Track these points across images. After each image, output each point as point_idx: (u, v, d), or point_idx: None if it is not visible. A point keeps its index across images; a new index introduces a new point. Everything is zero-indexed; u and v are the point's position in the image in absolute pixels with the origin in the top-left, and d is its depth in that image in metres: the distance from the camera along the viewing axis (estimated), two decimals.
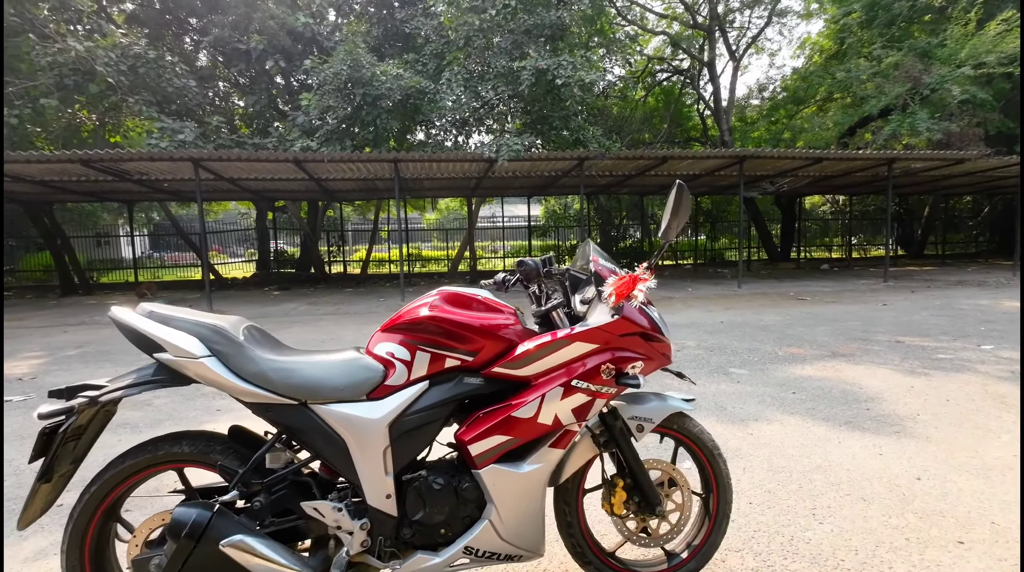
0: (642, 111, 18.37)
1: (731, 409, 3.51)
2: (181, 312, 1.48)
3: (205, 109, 11.10)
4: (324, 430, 1.41)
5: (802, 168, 12.11)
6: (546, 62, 8.98)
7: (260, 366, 1.41)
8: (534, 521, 1.51)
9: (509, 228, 20.17)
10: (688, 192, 1.38)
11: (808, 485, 2.42)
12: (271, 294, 11.82)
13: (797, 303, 8.73)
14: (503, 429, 1.43)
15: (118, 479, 1.43)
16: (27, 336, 7.05)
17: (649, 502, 1.64)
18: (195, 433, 1.52)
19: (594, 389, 1.46)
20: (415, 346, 1.45)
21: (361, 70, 9.34)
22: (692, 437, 1.71)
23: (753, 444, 2.91)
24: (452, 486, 1.47)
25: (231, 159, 8.86)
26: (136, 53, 9.04)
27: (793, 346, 5.36)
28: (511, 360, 1.46)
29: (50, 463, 1.36)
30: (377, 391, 1.43)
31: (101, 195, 12.43)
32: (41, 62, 8.50)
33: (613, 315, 1.48)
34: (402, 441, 1.44)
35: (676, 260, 20.94)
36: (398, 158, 9.32)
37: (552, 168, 11.32)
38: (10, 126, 8.73)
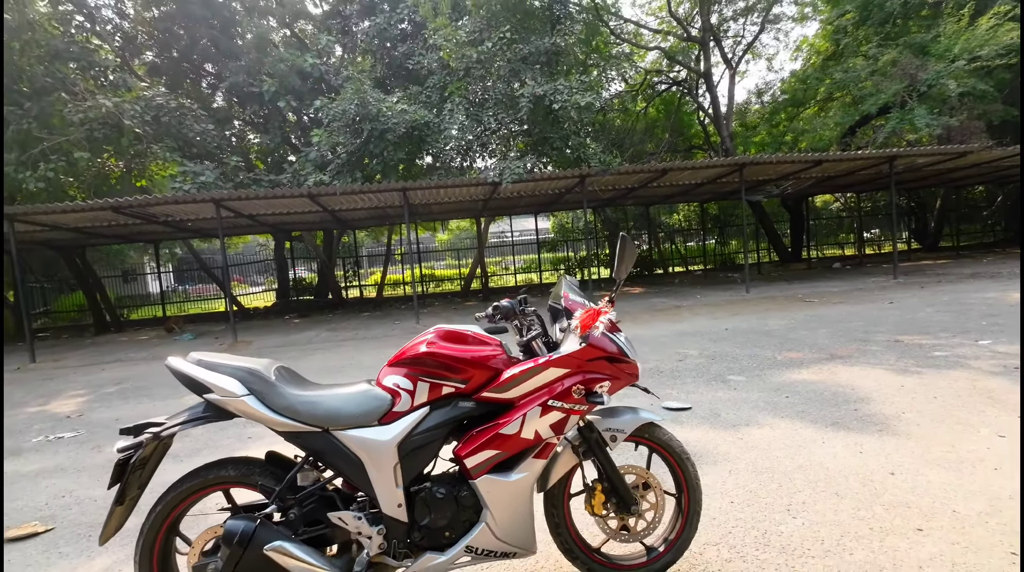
0: (643, 122, 18.67)
1: (725, 415, 3.71)
2: (224, 358, 1.79)
3: (224, 150, 11.71)
4: (344, 452, 1.70)
5: (803, 171, 12.25)
6: (543, 88, 9.36)
7: (289, 401, 1.71)
8: (524, 522, 1.77)
9: (519, 244, 20.50)
10: (631, 242, 1.67)
11: (788, 484, 2.63)
12: (292, 322, 12.27)
13: (804, 306, 8.84)
14: (493, 444, 1.71)
15: (177, 500, 1.74)
16: (68, 375, 7.53)
17: (625, 503, 1.89)
18: (238, 459, 1.82)
19: (567, 407, 1.73)
20: (416, 377, 1.74)
21: (368, 106, 9.83)
22: (662, 444, 1.95)
23: (742, 448, 3.12)
24: (453, 495, 1.74)
25: (250, 198, 9.37)
26: (159, 104, 9.68)
27: (793, 350, 5.53)
28: (497, 386, 1.74)
29: (123, 488, 1.67)
30: (387, 417, 1.72)
31: (129, 237, 13.11)
32: (73, 118, 9.16)
33: (581, 343, 1.75)
34: (409, 458, 1.72)
35: (686, 266, 21.03)
36: (406, 187, 9.74)
37: (555, 186, 11.65)
38: (46, 179, 9.37)
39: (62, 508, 2.99)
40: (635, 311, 9.76)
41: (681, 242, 22.39)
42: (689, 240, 22.90)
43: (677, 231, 22.63)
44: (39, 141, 9.62)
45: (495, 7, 10.46)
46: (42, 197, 9.91)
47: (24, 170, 9.35)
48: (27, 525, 2.77)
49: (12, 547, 2.60)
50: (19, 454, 4.04)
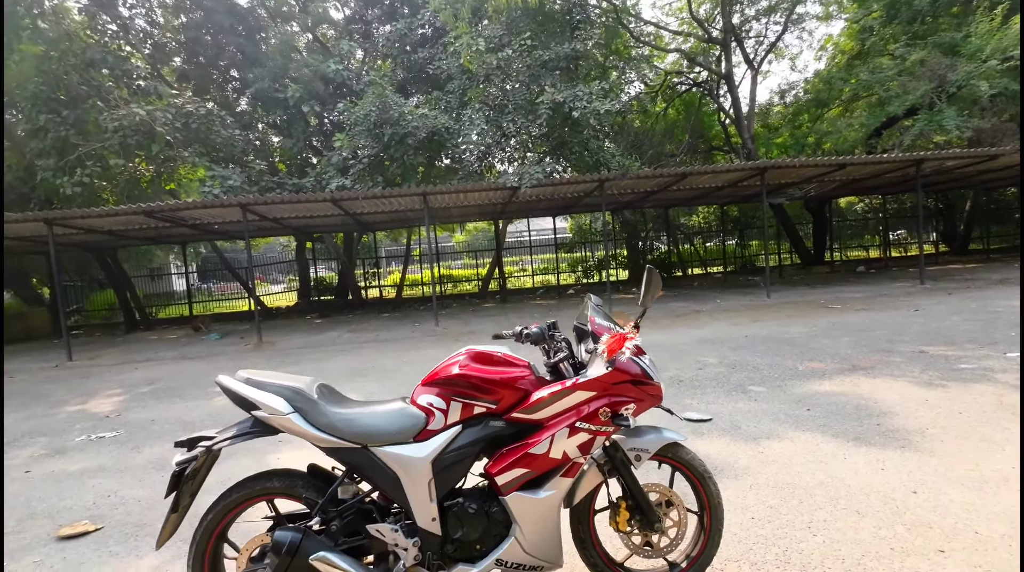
0: (663, 124, 18.55)
1: (745, 428, 3.74)
2: (270, 376, 1.90)
3: (248, 154, 12.01)
4: (381, 467, 1.80)
5: (827, 174, 12.07)
6: (562, 95, 9.41)
7: (330, 418, 1.81)
8: (552, 537, 1.85)
9: (537, 244, 20.55)
10: (657, 274, 1.74)
11: (809, 500, 2.67)
12: (314, 322, 12.53)
13: (826, 312, 8.74)
14: (522, 463, 1.79)
15: (227, 509, 1.86)
16: (104, 374, 7.84)
17: (649, 520, 1.96)
18: (281, 471, 1.93)
19: (594, 429, 1.80)
20: (449, 397, 1.83)
21: (389, 111, 9.99)
22: (685, 463, 2.02)
23: (762, 462, 3.15)
24: (484, 510, 1.83)
25: (275, 202, 9.61)
26: (189, 111, 9.98)
27: (815, 360, 5.50)
28: (526, 407, 1.82)
29: (177, 497, 1.80)
30: (421, 435, 1.82)
31: (159, 239, 13.53)
32: (109, 126, 9.50)
33: (607, 367, 1.83)
34: (443, 474, 1.81)
35: (706, 268, 20.85)
36: (426, 191, 9.88)
37: (574, 190, 11.68)
38: (82, 183, 9.75)
39: (109, 508, 3.16)
40: (654, 316, 9.75)
41: (700, 244, 22.19)
42: (709, 241, 22.70)
43: (696, 233, 22.43)
44: (75, 147, 10.00)
45: (515, 13, 10.54)
46: (78, 201, 10.31)
47: (61, 175, 9.73)
48: (79, 524, 2.95)
49: (67, 544, 2.77)
50: (64, 453, 4.26)
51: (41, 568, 2.55)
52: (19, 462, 4.10)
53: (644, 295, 1.81)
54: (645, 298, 1.81)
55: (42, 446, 4.48)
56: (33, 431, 4.97)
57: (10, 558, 2.66)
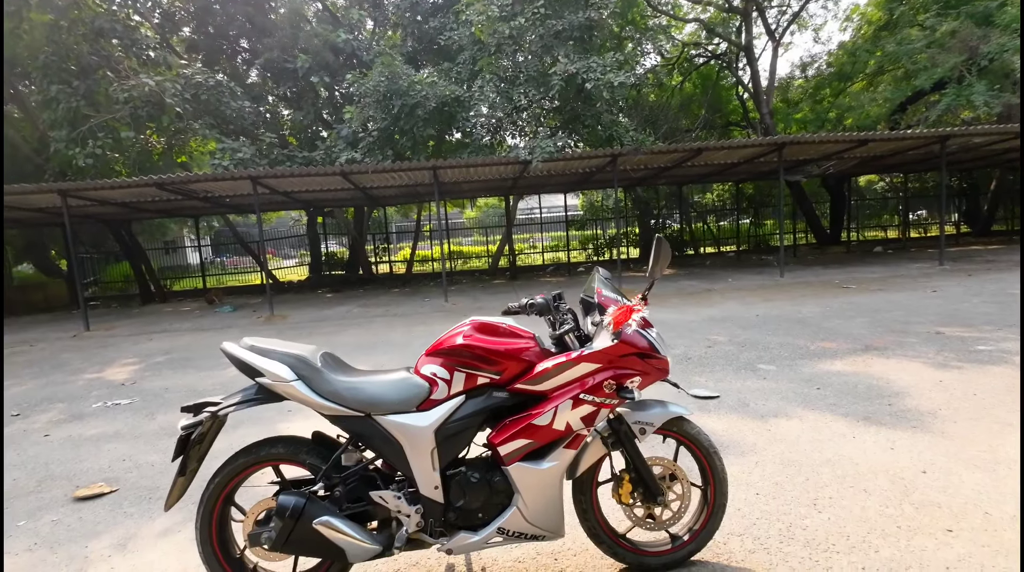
0: (679, 98, 18.08)
1: (753, 406, 3.71)
2: (274, 344, 1.90)
3: (259, 127, 11.94)
4: (385, 436, 1.80)
5: (848, 150, 11.72)
6: (575, 65, 9.15)
7: (335, 386, 1.81)
8: (554, 508, 1.85)
9: (547, 222, 20.38)
10: (666, 244, 1.69)
11: (815, 478, 2.65)
12: (325, 297, 12.63)
13: (840, 292, 8.60)
14: (525, 434, 1.78)
15: (233, 473, 1.88)
16: (120, 344, 7.99)
17: (652, 493, 1.95)
18: (287, 438, 1.95)
19: (598, 401, 1.78)
20: (453, 368, 1.82)
21: (398, 81, 9.82)
22: (690, 437, 2.00)
23: (769, 440, 3.13)
24: (486, 479, 1.83)
25: (285, 175, 9.57)
26: (198, 82, 9.90)
27: (827, 340, 5.43)
28: (530, 378, 1.80)
29: (184, 461, 1.82)
30: (425, 404, 1.81)
31: (171, 212, 13.62)
32: (119, 97, 9.47)
33: (613, 340, 1.80)
34: (446, 443, 1.81)
35: (718, 247, 20.58)
36: (436, 165, 9.77)
37: (586, 166, 11.49)
38: (94, 155, 9.78)
39: (124, 471, 3.24)
40: (663, 293, 9.67)
41: (713, 222, 21.85)
42: (722, 220, 22.34)
43: (710, 211, 22.07)
44: (87, 119, 10.00)
45: None
46: (90, 173, 10.36)
47: (74, 147, 9.76)
48: (95, 486, 3.03)
49: (83, 505, 2.85)
50: (82, 418, 4.37)
51: (58, 527, 2.63)
52: (38, 426, 4.22)
53: (652, 266, 1.76)
54: (653, 269, 1.77)
55: (60, 412, 4.60)
56: (52, 397, 5.10)
57: (30, 516, 2.75)
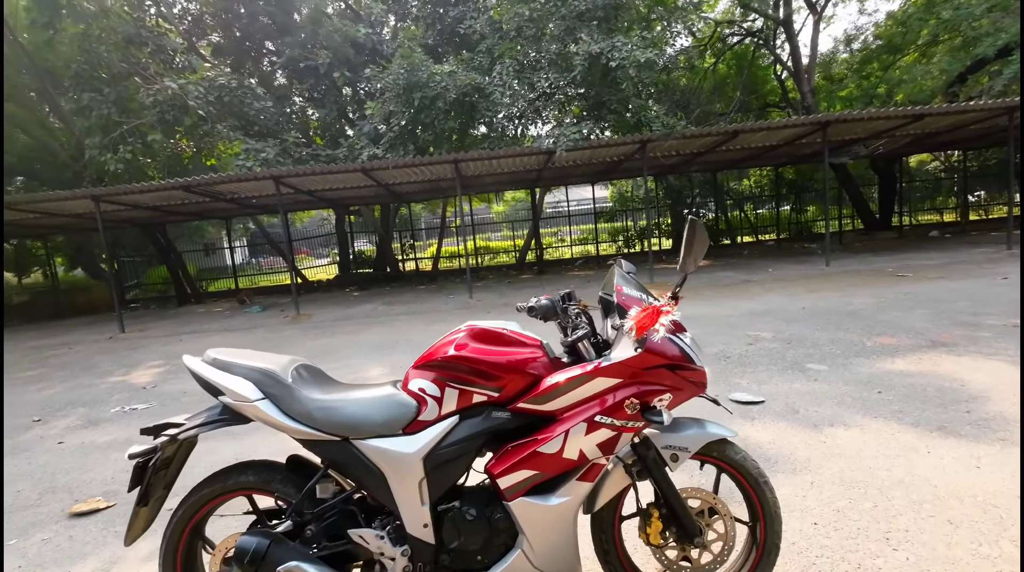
0: (712, 80, 17.23)
1: (804, 412, 3.29)
2: (240, 357, 1.65)
3: (283, 126, 11.97)
4: (365, 464, 1.52)
5: (900, 127, 10.83)
6: (599, 45, 8.69)
7: (306, 406, 1.54)
8: (566, 551, 1.54)
9: (576, 214, 19.90)
10: (702, 227, 1.35)
11: (885, 503, 2.24)
12: (352, 295, 12.61)
13: (894, 281, 7.90)
14: (530, 464, 1.47)
15: (199, 504, 1.65)
16: (149, 345, 8.09)
17: (687, 532, 1.61)
18: (259, 463, 1.70)
19: (618, 424, 1.45)
20: (444, 383, 1.52)
21: (417, 73, 9.59)
22: (734, 464, 1.64)
23: (825, 454, 2.72)
24: (485, 517, 1.53)
25: (306, 174, 9.51)
26: (220, 84, 9.95)
27: (884, 335, 4.89)
28: (535, 395, 1.49)
29: (145, 490, 1.59)
30: (411, 426, 1.52)
31: (201, 214, 13.87)
32: (145, 102, 9.61)
33: (636, 349, 1.46)
34: (436, 473, 1.52)
35: (757, 236, 19.64)
36: (457, 158, 9.51)
37: (613, 154, 11.01)
38: (125, 160, 9.97)
39: (123, 484, 3.09)
40: (698, 286, 9.15)
41: (751, 210, 20.86)
42: (761, 207, 21.29)
43: (747, 198, 21.07)
44: (118, 125, 10.20)
45: None
46: (123, 178, 10.59)
47: (106, 152, 9.97)
48: (92, 500, 2.89)
49: (77, 522, 2.71)
50: (98, 424, 4.31)
51: (47, 547, 2.48)
52: (55, 432, 4.18)
53: (684, 257, 1.42)
54: (686, 261, 1.42)
55: (79, 417, 4.57)
56: (76, 401, 5.11)
57: (22, 534, 2.63)
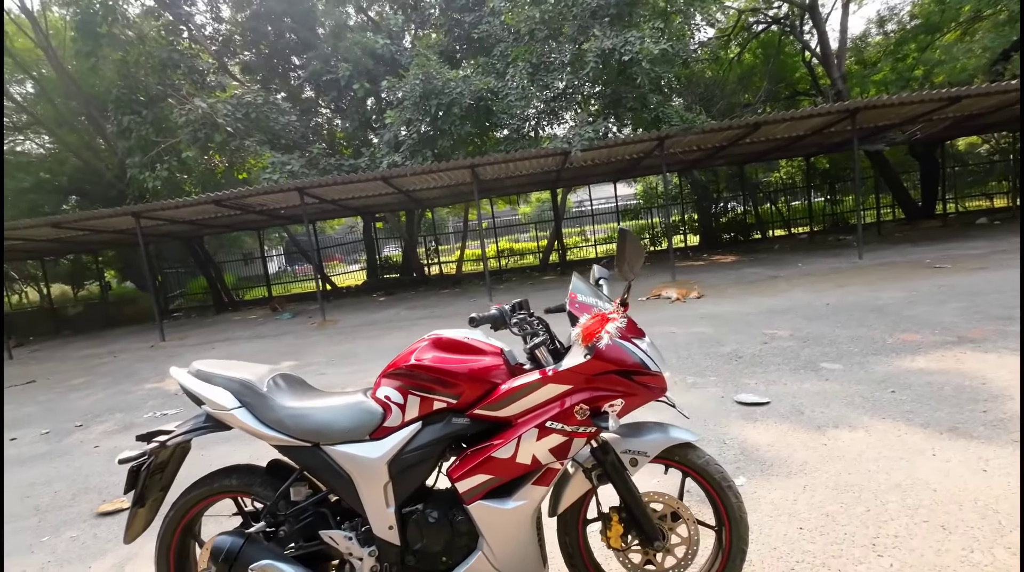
0: (737, 71, 16.78)
1: (809, 413, 3.20)
2: (222, 368, 1.76)
3: (308, 138, 12.38)
4: (334, 468, 1.61)
5: (937, 111, 10.30)
6: (611, 41, 8.63)
7: (278, 414, 1.64)
8: (526, 553, 1.58)
9: (599, 213, 19.75)
10: (634, 237, 1.37)
11: (878, 508, 2.17)
12: (378, 300, 12.91)
13: (931, 273, 7.53)
14: (485, 468, 1.52)
15: (187, 506, 1.77)
16: (186, 353, 8.52)
17: (648, 536, 1.62)
18: (242, 467, 1.81)
19: (568, 429, 1.48)
20: (407, 390, 1.59)
21: (433, 81, 9.76)
22: (697, 469, 1.64)
23: (824, 456, 2.65)
24: (447, 519, 1.59)
25: (329, 184, 9.82)
26: (247, 101, 10.39)
27: (909, 331, 4.69)
28: (490, 402, 1.53)
29: (141, 492, 1.72)
30: (377, 432, 1.60)
31: (234, 226, 14.50)
32: (179, 121, 10.14)
33: (585, 355, 1.49)
34: (401, 477, 1.59)
35: (789, 229, 19.01)
36: (474, 163, 9.62)
37: (631, 151, 10.90)
38: (163, 178, 10.54)
39: None
40: (722, 284, 8.96)
41: (783, 203, 20.18)
42: (793, 199, 20.58)
43: (778, 190, 20.41)
44: (156, 144, 10.79)
45: None
46: (162, 194, 11.18)
47: (145, 171, 10.57)
48: (117, 500, 3.11)
49: (102, 521, 2.92)
50: (131, 428, 4.59)
51: (74, 544, 2.69)
52: (92, 437, 4.49)
53: (619, 266, 1.44)
54: (622, 269, 1.44)
55: (116, 422, 4.88)
56: (115, 407, 5.45)
57: (54, 532, 2.85)
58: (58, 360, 9.59)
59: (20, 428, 5.09)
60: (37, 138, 16.30)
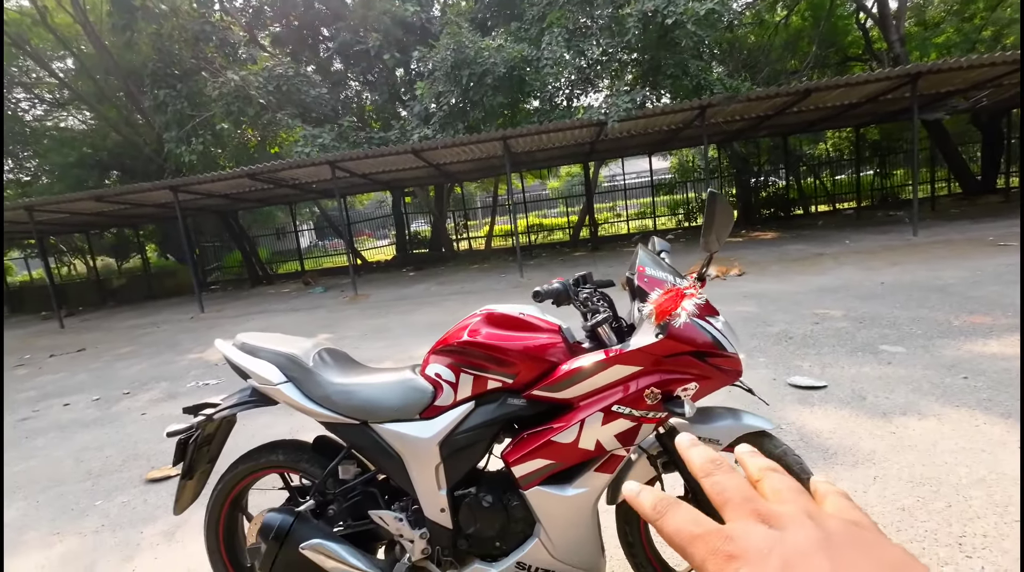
0: (784, 35, 15.81)
1: (873, 399, 3.00)
2: (267, 341, 1.70)
3: (339, 112, 12.31)
4: (383, 447, 1.53)
5: (1006, 75, 9.48)
6: (653, 2, 8.16)
7: (326, 390, 1.56)
8: (586, 541, 1.48)
9: (632, 188, 19.23)
10: (724, 200, 1.20)
11: (961, 504, 2.00)
12: (407, 275, 12.97)
13: (995, 252, 7.03)
14: (544, 453, 1.41)
15: (234, 481, 1.74)
16: (224, 325, 8.74)
17: None
18: (288, 443, 1.76)
19: (637, 415, 1.36)
20: (459, 369, 1.49)
21: (465, 50, 9.48)
22: (774, 459, 1.50)
23: (894, 446, 2.47)
24: (502, 504, 1.50)
25: (359, 157, 9.76)
26: (278, 73, 10.34)
27: (977, 313, 4.36)
28: (550, 382, 1.42)
29: (189, 465, 1.69)
30: (428, 411, 1.51)
31: (267, 200, 14.67)
32: (212, 95, 10.19)
33: (657, 335, 1.35)
34: (453, 459, 1.50)
35: (834, 205, 18.14)
36: (506, 135, 9.38)
37: (670, 122, 10.44)
38: (198, 151, 10.67)
39: None
40: (764, 261, 8.60)
41: (828, 176, 19.21)
42: (839, 173, 19.55)
43: (823, 163, 19.42)
44: (191, 118, 10.90)
45: None
46: (198, 168, 11.34)
47: (182, 145, 10.71)
48: (166, 468, 3.17)
49: (151, 487, 2.98)
50: (175, 397, 4.72)
51: (125, 509, 2.75)
52: (139, 404, 4.62)
53: (706, 235, 1.28)
54: (708, 239, 1.28)
55: (161, 390, 5.02)
56: (159, 376, 5.61)
57: (107, 496, 2.93)
58: (105, 330, 9.99)
59: (73, 394, 5.30)
60: (79, 114, 16.75)
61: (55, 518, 2.74)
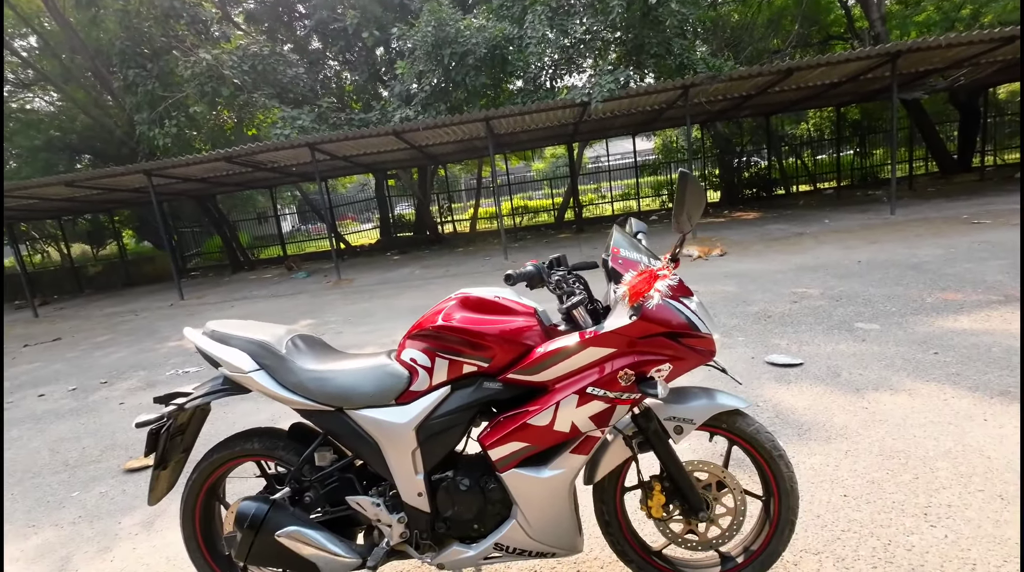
0: (767, 14, 15.72)
1: (847, 375, 3.07)
2: (237, 328, 1.66)
3: (317, 92, 11.99)
4: (359, 434, 1.52)
5: (985, 54, 9.57)
6: None
7: (300, 377, 1.54)
8: (562, 522, 1.50)
9: (616, 169, 19.18)
10: (695, 181, 1.19)
11: (927, 476, 2.06)
12: (392, 259, 12.85)
13: (969, 229, 7.18)
14: (520, 436, 1.42)
15: (210, 469, 1.71)
16: (206, 311, 8.60)
17: (692, 506, 1.53)
18: (264, 430, 1.74)
19: (611, 396, 1.36)
20: (434, 353, 1.48)
21: (445, 28, 9.26)
22: (746, 437, 1.53)
23: (865, 420, 2.53)
24: (479, 487, 1.51)
25: (340, 139, 9.55)
26: (253, 52, 10.00)
27: (949, 290, 4.46)
28: (525, 365, 1.42)
29: (162, 454, 1.67)
30: (404, 396, 1.50)
31: (246, 185, 14.34)
32: (185, 74, 9.83)
33: (631, 316, 1.35)
34: (429, 443, 1.50)
35: (814, 184, 18.32)
36: (488, 116, 9.25)
37: (654, 102, 10.38)
38: (172, 134, 10.34)
39: None
40: (745, 241, 8.68)
41: (809, 156, 19.35)
42: (820, 153, 19.70)
43: (804, 143, 19.53)
44: (163, 99, 10.53)
45: None
46: (173, 151, 11.01)
47: (154, 127, 10.37)
48: (143, 458, 3.11)
49: (130, 477, 2.95)
50: (154, 386, 4.65)
51: (103, 500, 2.72)
52: (118, 394, 4.54)
53: (677, 215, 1.27)
54: (679, 220, 1.27)
55: (140, 379, 4.94)
56: (138, 365, 5.52)
57: (84, 487, 2.89)
58: (82, 318, 9.77)
59: (48, 384, 5.19)
60: (45, 95, 16.08)
61: (31, 510, 2.70)
